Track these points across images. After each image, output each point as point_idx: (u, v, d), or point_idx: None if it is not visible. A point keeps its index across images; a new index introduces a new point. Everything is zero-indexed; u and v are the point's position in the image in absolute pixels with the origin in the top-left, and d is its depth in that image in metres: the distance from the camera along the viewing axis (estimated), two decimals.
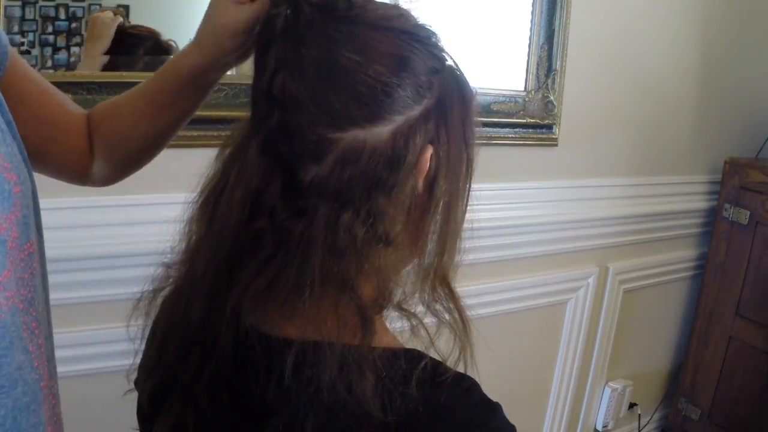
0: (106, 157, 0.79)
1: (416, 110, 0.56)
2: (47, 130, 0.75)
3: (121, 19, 1.25)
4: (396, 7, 0.59)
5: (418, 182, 0.58)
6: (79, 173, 0.79)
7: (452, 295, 0.62)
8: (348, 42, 0.54)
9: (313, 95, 0.53)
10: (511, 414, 0.59)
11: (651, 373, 2.45)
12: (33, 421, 0.59)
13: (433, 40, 0.59)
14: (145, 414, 0.67)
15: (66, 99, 0.80)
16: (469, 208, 0.63)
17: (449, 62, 0.60)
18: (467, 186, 0.62)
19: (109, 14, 1.25)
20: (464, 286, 0.64)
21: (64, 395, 0.64)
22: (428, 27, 0.59)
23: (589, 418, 2.29)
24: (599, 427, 2.31)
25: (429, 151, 0.57)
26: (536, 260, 1.92)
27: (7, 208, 0.52)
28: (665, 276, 2.30)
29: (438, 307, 0.62)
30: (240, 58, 0.72)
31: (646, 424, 2.46)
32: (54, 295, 0.64)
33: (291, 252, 0.55)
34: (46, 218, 0.63)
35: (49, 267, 0.63)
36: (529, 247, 1.88)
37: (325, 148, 0.53)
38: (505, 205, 1.78)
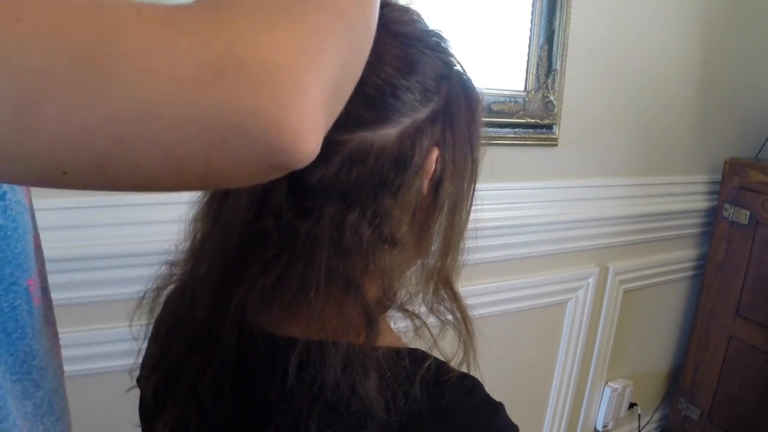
0: None
1: (423, 113, 0.56)
2: None
3: None
4: (408, 11, 0.60)
5: (424, 184, 0.58)
6: None
7: (455, 297, 0.62)
8: None
9: None
10: (511, 414, 0.59)
11: (651, 373, 2.45)
12: (62, 405, 0.61)
13: (443, 45, 0.60)
14: (148, 411, 0.67)
15: None
16: (472, 209, 0.64)
17: (457, 67, 0.61)
18: (472, 188, 0.63)
19: None
20: (464, 286, 0.64)
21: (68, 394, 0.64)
22: (439, 32, 0.60)
23: (589, 418, 2.30)
24: (599, 427, 2.31)
25: (435, 153, 0.58)
26: (536, 260, 1.92)
27: (23, 198, 0.53)
28: (665, 276, 2.31)
29: (441, 309, 0.62)
30: None
31: (646, 424, 2.46)
32: (55, 295, 0.64)
33: (296, 252, 0.55)
34: (47, 218, 0.64)
35: (50, 267, 0.64)
36: (529, 247, 1.88)
37: (332, 150, 0.53)
38: (505, 205, 1.78)
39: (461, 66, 0.62)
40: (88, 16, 0.31)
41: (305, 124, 0.33)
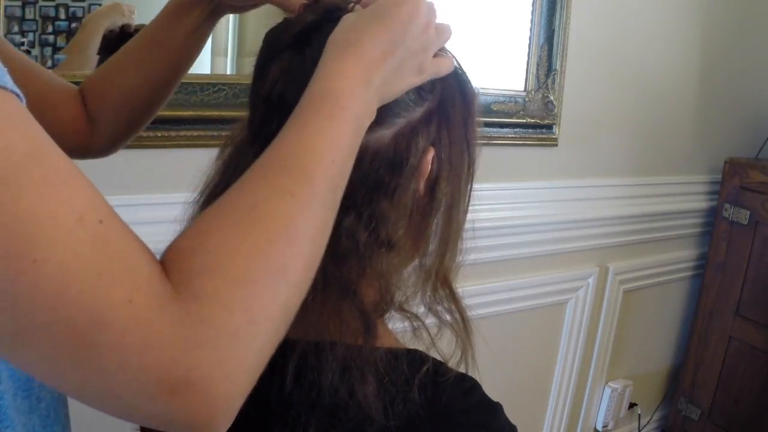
0: (111, 119, 0.78)
1: (418, 112, 0.56)
2: (37, 107, 0.75)
3: (131, 18, 1.24)
4: None
5: (420, 185, 0.57)
6: (78, 146, 0.78)
7: (453, 297, 0.61)
8: None
9: None
10: (510, 414, 0.59)
11: (651, 373, 2.45)
12: (64, 412, 0.61)
13: None
14: None
15: (52, 75, 0.80)
16: (470, 208, 0.63)
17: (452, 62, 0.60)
18: (469, 186, 0.62)
19: (131, 8, 1.24)
20: (464, 286, 0.64)
21: None
22: None
23: (589, 418, 2.29)
24: (599, 427, 2.31)
25: (431, 154, 0.57)
26: (536, 260, 1.92)
27: None
28: (665, 276, 2.30)
29: (439, 308, 0.61)
30: None
31: (646, 424, 2.46)
32: None
33: None
34: None
35: None
36: (529, 247, 1.88)
37: None
38: (505, 205, 1.78)
39: (456, 61, 0.61)
40: (92, 286, 0.36)
41: (224, 424, 0.42)
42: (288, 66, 0.55)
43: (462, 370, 0.60)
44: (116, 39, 1.22)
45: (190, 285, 0.40)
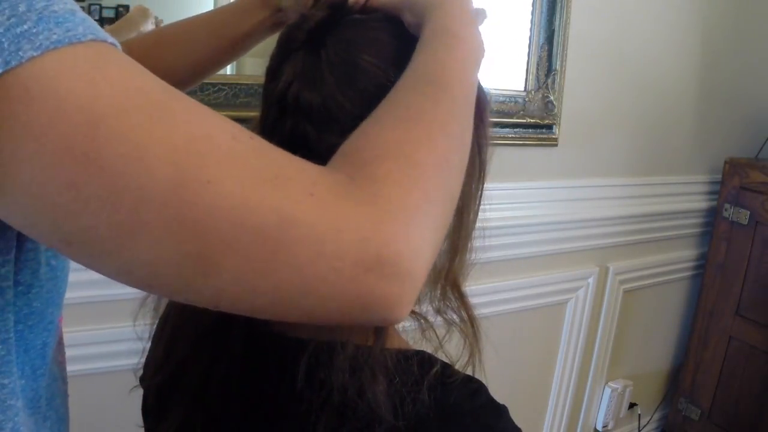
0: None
1: None
2: None
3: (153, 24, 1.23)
4: None
5: None
6: None
7: (463, 301, 0.61)
8: (369, 46, 0.54)
9: (326, 102, 0.53)
10: (511, 414, 0.59)
11: (651, 373, 2.45)
12: (64, 430, 0.60)
13: None
14: (151, 411, 0.67)
15: None
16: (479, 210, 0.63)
17: None
18: (479, 190, 0.62)
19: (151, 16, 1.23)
20: (464, 286, 0.64)
21: (71, 394, 0.64)
22: None
23: (589, 418, 2.29)
24: (599, 427, 2.31)
25: None
26: (536, 260, 1.92)
27: None
28: (665, 276, 2.30)
29: (448, 310, 0.61)
30: None
31: (646, 424, 2.46)
32: None
33: None
34: None
35: None
36: (529, 247, 1.88)
37: None
38: (505, 205, 1.78)
39: None
40: (270, 189, 0.37)
41: (409, 308, 0.41)
42: (302, 67, 0.55)
43: (469, 372, 0.60)
44: None
45: (363, 171, 0.41)
